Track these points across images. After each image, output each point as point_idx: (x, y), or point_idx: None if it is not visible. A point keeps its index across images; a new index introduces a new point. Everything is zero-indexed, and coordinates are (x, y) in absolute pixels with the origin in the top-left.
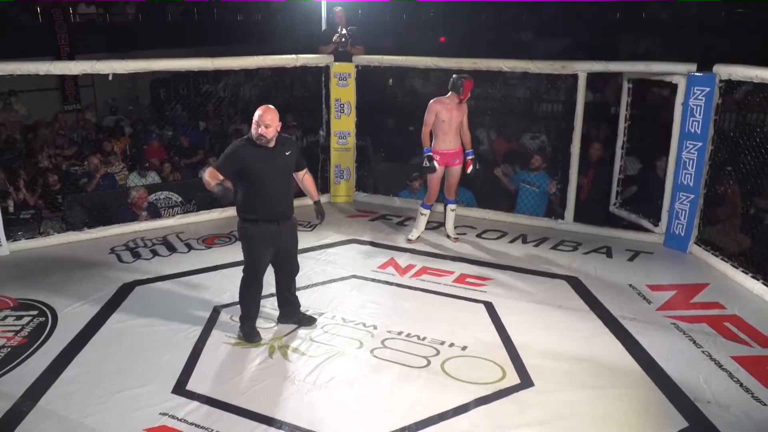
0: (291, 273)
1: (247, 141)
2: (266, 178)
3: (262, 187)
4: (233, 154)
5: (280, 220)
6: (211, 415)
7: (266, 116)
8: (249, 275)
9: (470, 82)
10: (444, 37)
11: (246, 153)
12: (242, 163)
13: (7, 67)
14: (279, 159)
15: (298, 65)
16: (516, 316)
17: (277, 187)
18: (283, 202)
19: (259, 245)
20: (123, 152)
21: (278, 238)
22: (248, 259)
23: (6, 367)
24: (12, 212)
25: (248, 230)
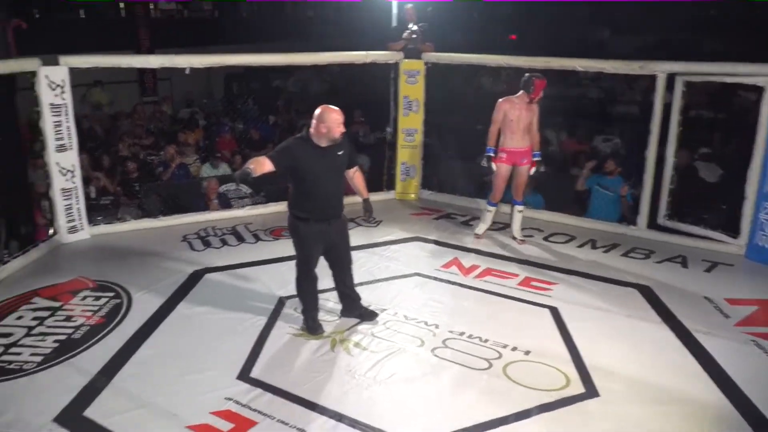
0: (343, 267)
1: (302, 139)
2: (318, 177)
3: (314, 186)
4: (288, 150)
5: (330, 219)
6: (273, 403)
7: (340, 117)
8: (301, 270)
9: (543, 81)
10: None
11: (300, 151)
12: (295, 160)
13: (92, 59)
14: (332, 158)
15: (368, 62)
16: (582, 323)
17: (329, 187)
18: (334, 202)
19: (309, 242)
20: (196, 143)
21: (328, 236)
22: (299, 254)
23: (84, 344)
24: (93, 198)
25: (299, 228)
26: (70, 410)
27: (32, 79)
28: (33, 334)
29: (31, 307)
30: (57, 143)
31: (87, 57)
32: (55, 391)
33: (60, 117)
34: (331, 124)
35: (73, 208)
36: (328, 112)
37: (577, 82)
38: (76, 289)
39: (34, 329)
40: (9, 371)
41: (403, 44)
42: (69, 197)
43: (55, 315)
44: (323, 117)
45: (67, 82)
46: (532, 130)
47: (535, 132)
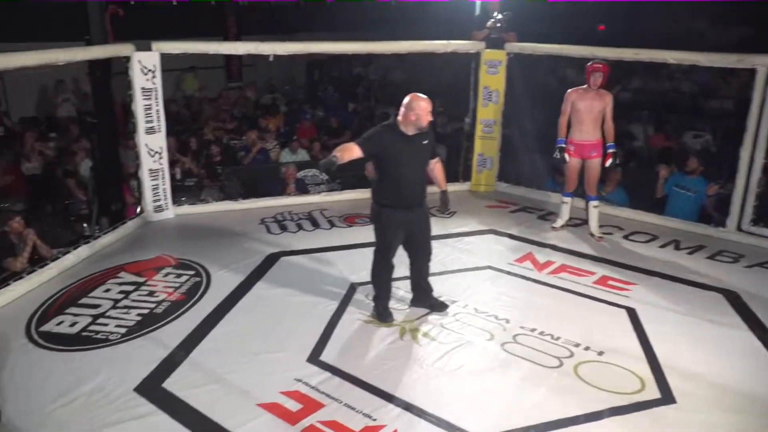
0: (424, 258)
1: (390, 126)
2: (403, 165)
3: (398, 174)
4: (376, 136)
5: (414, 207)
6: (341, 387)
7: (429, 106)
8: (379, 257)
9: (596, 67)
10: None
11: (387, 138)
12: (382, 147)
13: (182, 45)
14: (418, 147)
15: (449, 51)
16: (661, 326)
17: (412, 175)
18: (418, 190)
19: (391, 229)
20: (277, 129)
21: (410, 223)
22: (379, 242)
23: (165, 319)
24: (178, 179)
25: (381, 215)
26: (150, 381)
27: (126, 63)
28: (118, 306)
29: (118, 281)
30: (147, 126)
31: (177, 43)
32: (136, 362)
33: (150, 101)
34: (420, 112)
35: (159, 188)
36: (417, 101)
37: (668, 74)
38: (160, 266)
39: (119, 302)
40: (96, 341)
41: (486, 33)
42: (156, 178)
43: (139, 290)
44: (412, 105)
45: (158, 67)
46: (606, 121)
47: (609, 122)
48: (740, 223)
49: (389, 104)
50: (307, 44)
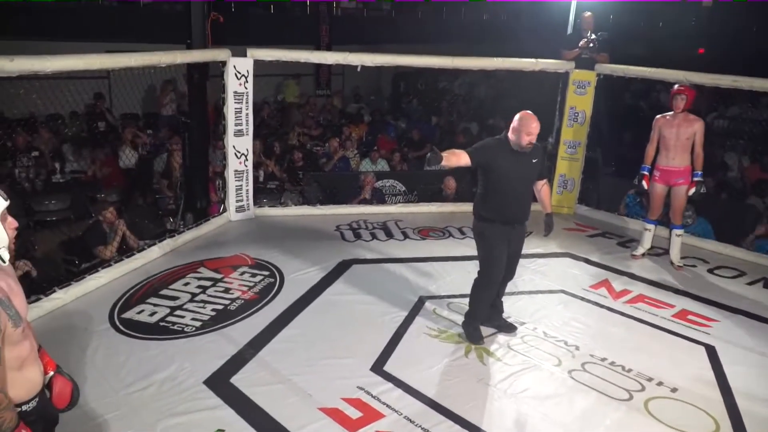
0: (507, 277)
1: (501, 141)
2: (510, 180)
3: (504, 189)
4: (487, 147)
5: (515, 224)
6: (402, 400)
7: (536, 126)
8: (485, 275)
9: (682, 91)
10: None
11: (497, 151)
12: (491, 159)
13: (274, 53)
14: (526, 164)
15: (537, 69)
16: (742, 367)
17: (518, 191)
18: (522, 207)
19: (497, 243)
20: (360, 138)
21: (509, 240)
22: (486, 258)
23: (238, 316)
24: (261, 181)
25: (485, 229)
26: (219, 375)
27: (222, 67)
28: (196, 300)
29: (197, 276)
30: (236, 128)
31: (270, 50)
32: (208, 355)
33: (241, 104)
34: (522, 130)
35: (242, 189)
36: (523, 119)
37: None
38: (237, 265)
39: (197, 296)
40: (172, 331)
41: (578, 53)
42: (240, 179)
43: (216, 286)
44: (523, 124)
45: (250, 72)
46: (696, 148)
47: (699, 150)
48: None
49: (472, 119)
50: (394, 56)
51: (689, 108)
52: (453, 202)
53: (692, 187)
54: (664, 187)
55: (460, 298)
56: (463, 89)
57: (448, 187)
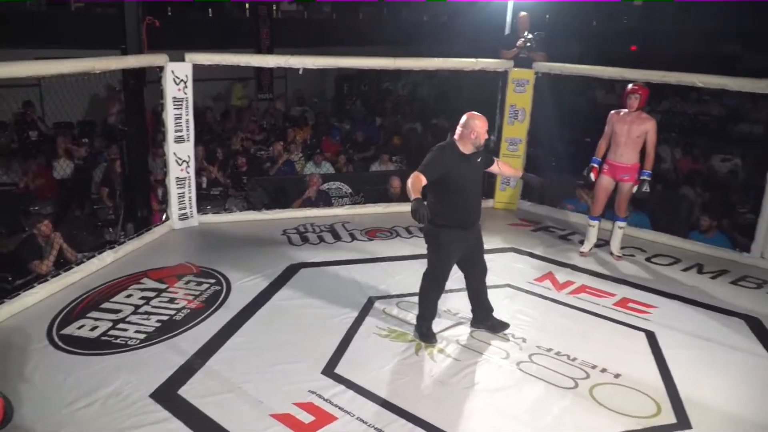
0: (482, 275)
1: (448, 147)
2: (465, 186)
3: (460, 194)
4: (440, 159)
5: (470, 226)
6: (355, 401)
7: (486, 124)
8: (432, 278)
9: (636, 90)
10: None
11: (448, 159)
12: (446, 168)
13: (214, 57)
14: (475, 166)
15: (477, 69)
16: (680, 351)
17: (472, 195)
18: (477, 209)
19: (450, 250)
20: (304, 141)
21: (467, 242)
22: (435, 262)
23: (184, 326)
24: (204, 188)
25: (440, 235)
26: (166, 388)
27: (160, 73)
28: (139, 312)
29: (140, 287)
30: (176, 134)
31: (210, 54)
32: (154, 368)
33: (181, 110)
34: (480, 130)
35: (185, 196)
36: (474, 119)
37: (697, 98)
38: (182, 274)
39: (140, 308)
40: (115, 345)
41: (516, 53)
42: (182, 186)
43: (160, 296)
44: (470, 124)
45: (190, 77)
46: (647, 147)
47: (650, 148)
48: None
49: (416, 120)
50: (336, 58)
51: (642, 107)
52: (399, 202)
53: (636, 185)
54: (611, 181)
55: (409, 296)
56: (406, 90)
57: (393, 187)
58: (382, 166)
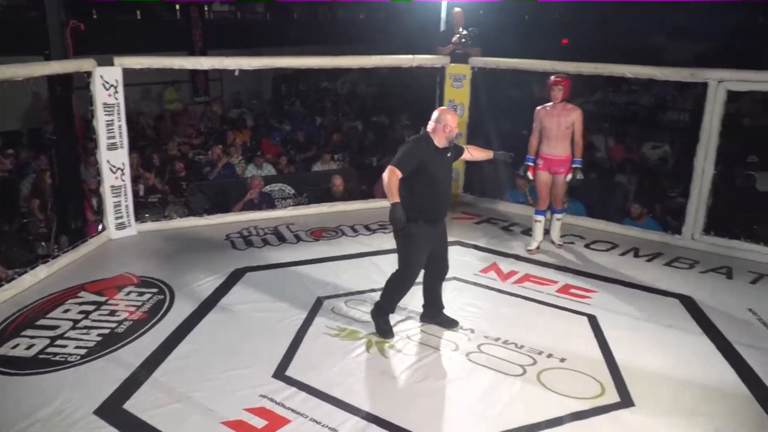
0: (443, 272)
1: (423, 139)
2: (438, 178)
3: (433, 188)
4: (415, 152)
5: (438, 221)
6: (307, 402)
7: (456, 118)
8: (405, 273)
9: (558, 81)
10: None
11: (423, 152)
12: (420, 162)
13: (145, 60)
14: (446, 160)
15: (414, 65)
16: (620, 332)
17: (444, 188)
18: (447, 203)
19: (420, 244)
20: (244, 144)
21: (435, 237)
22: (407, 258)
23: (127, 339)
24: (141, 195)
25: (411, 230)
26: (111, 403)
27: (88, 78)
28: (78, 327)
29: (78, 300)
30: (108, 142)
31: (140, 58)
32: (96, 383)
33: (112, 116)
34: (452, 123)
35: (121, 205)
36: (445, 113)
37: (627, 88)
38: (122, 285)
39: (79, 322)
40: (54, 363)
41: (452, 48)
42: (118, 194)
43: (100, 309)
44: (443, 118)
45: (120, 82)
46: (575, 137)
47: (578, 138)
48: (694, 231)
49: (356, 118)
50: (272, 59)
51: (567, 98)
52: (343, 201)
53: (569, 174)
54: (549, 175)
55: (357, 294)
56: (345, 88)
57: (336, 185)
58: (324, 166)
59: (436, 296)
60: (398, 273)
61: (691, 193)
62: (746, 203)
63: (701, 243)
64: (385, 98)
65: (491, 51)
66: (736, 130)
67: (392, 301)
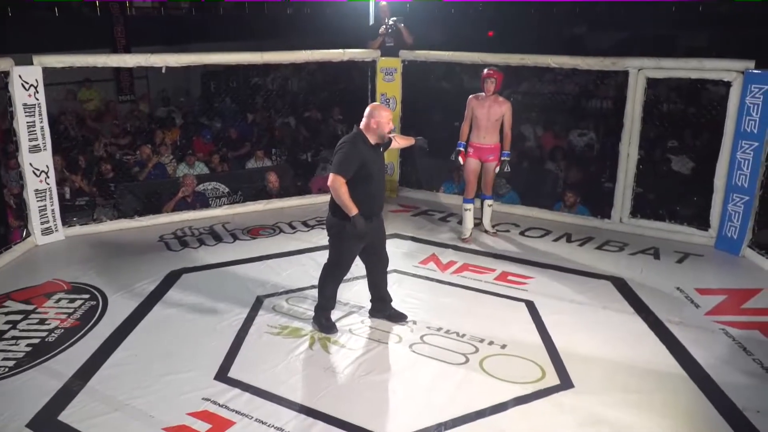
0: (382, 266)
1: (357, 138)
2: (374, 175)
3: (370, 185)
4: (353, 155)
5: (374, 216)
6: (252, 403)
7: (390, 114)
8: (336, 269)
9: (491, 75)
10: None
11: (360, 152)
12: (359, 163)
13: (67, 59)
14: (380, 155)
15: (345, 60)
16: (557, 316)
17: (380, 184)
18: (382, 198)
19: (353, 241)
20: (174, 143)
21: (371, 233)
22: (338, 254)
23: (58, 348)
24: (68, 199)
25: (345, 226)
26: (44, 415)
27: (5, 78)
28: (5, 338)
29: (3, 311)
30: (30, 144)
31: (61, 56)
32: (28, 395)
33: (33, 117)
34: (381, 119)
35: (47, 209)
36: (375, 109)
37: (552, 78)
38: (50, 292)
39: (6, 333)
40: None
41: (381, 41)
42: (43, 198)
43: (28, 318)
44: (372, 113)
45: (40, 82)
46: (504, 128)
47: (507, 129)
48: (622, 215)
49: (289, 114)
50: (200, 55)
51: (498, 90)
52: (278, 197)
53: (498, 165)
54: (478, 163)
55: (298, 291)
56: (276, 84)
57: (271, 182)
58: (258, 163)
59: (382, 290)
60: (328, 265)
61: (618, 178)
62: (667, 186)
63: (629, 226)
64: (316, 93)
65: (420, 45)
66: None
67: (328, 296)
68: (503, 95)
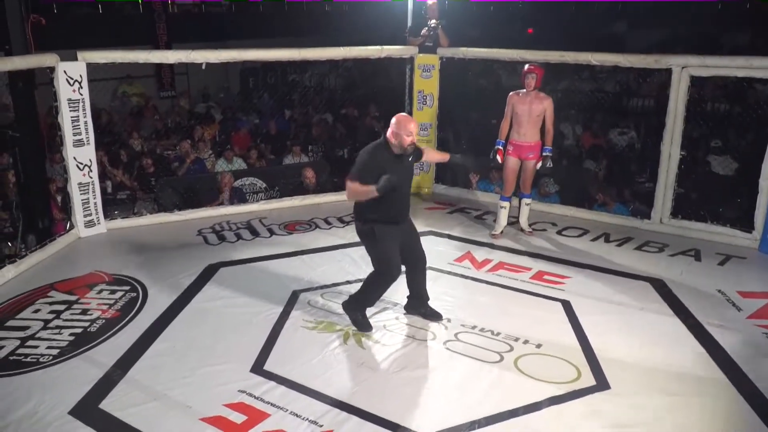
0: (422, 265)
1: (380, 147)
2: (397, 183)
3: (392, 193)
4: (372, 162)
5: (400, 222)
6: (287, 396)
7: (414, 126)
8: (385, 273)
9: (532, 70)
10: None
11: (379, 161)
12: (379, 169)
13: (110, 55)
14: (407, 164)
15: (383, 56)
16: (594, 317)
17: (403, 192)
18: (406, 206)
19: (388, 239)
20: (212, 138)
21: (401, 234)
22: (379, 257)
23: (100, 338)
24: (110, 193)
25: (373, 229)
26: (86, 403)
27: (51, 74)
28: (49, 327)
29: (48, 300)
30: (74, 138)
31: (105, 52)
32: (70, 384)
33: (77, 112)
34: (399, 130)
35: (89, 202)
36: (400, 122)
37: (592, 76)
38: (92, 283)
39: (50, 322)
40: (25, 364)
41: (422, 41)
42: (86, 192)
43: (71, 308)
44: (394, 125)
45: (84, 77)
46: (546, 124)
47: (549, 126)
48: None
49: (325, 110)
50: (240, 51)
51: (539, 86)
52: (315, 193)
53: (539, 161)
54: (517, 161)
55: (333, 287)
56: (313, 81)
57: (307, 178)
58: (295, 159)
59: (421, 288)
60: (375, 273)
61: (659, 178)
62: (710, 187)
63: (670, 227)
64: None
65: (459, 42)
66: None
67: (370, 298)
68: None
